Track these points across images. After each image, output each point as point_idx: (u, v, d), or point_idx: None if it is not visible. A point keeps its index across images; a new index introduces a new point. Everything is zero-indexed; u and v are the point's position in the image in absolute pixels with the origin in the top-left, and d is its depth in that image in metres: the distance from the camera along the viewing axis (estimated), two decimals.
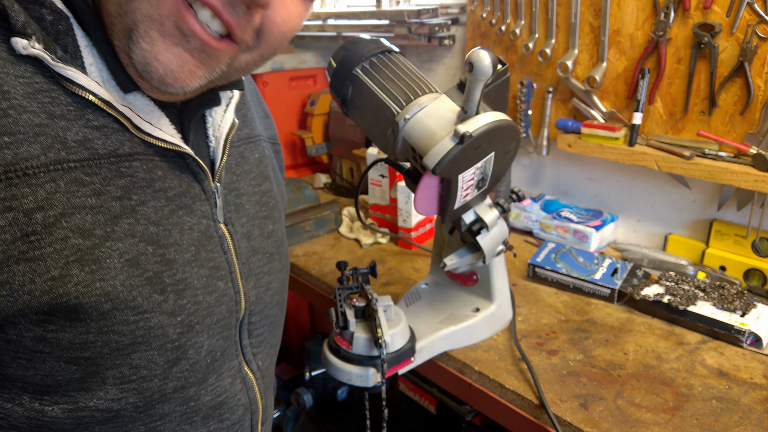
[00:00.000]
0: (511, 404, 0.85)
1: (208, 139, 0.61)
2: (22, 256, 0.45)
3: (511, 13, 1.37)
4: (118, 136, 0.50)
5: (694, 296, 1.00)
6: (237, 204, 0.63)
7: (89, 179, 0.48)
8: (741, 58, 1.02)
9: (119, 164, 0.50)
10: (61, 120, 0.47)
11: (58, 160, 0.46)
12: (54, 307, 0.47)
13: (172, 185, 0.55)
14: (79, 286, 0.47)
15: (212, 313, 0.58)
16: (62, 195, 0.46)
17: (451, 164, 0.69)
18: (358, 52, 0.77)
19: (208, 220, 0.58)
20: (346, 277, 0.88)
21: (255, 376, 0.67)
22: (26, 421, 0.51)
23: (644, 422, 0.77)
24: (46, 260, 0.46)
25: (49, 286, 0.46)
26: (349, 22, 1.76)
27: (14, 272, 0.45)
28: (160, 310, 0.53)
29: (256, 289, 0.65)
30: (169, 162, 0.55)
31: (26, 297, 0.45)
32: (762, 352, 0.92)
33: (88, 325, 0.49)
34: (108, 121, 0.50)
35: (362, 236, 1.38)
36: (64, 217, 0.47)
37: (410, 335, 0.88)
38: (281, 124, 1.80)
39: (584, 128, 1.24)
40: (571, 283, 1.11)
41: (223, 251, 0.60)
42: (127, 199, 0.51)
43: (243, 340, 0.64)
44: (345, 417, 1.56)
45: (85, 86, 0.48)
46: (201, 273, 0.57)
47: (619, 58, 1.20)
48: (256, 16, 0.49)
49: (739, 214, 1.14)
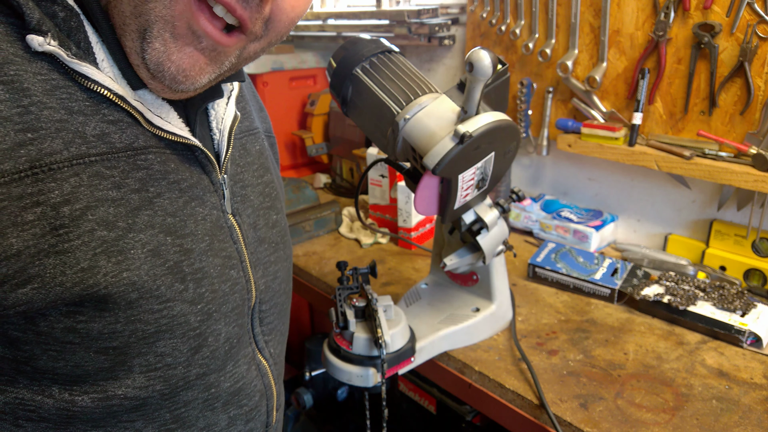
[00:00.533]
0: (511, 404, 0.85)
1: (211, 131, 0.62)
2: (52, 250, 0.46)
3: (511, 13, 1.37)
4: (133, 129, 0.52)
5: (694, 296, 1.00)
6: (243, 195, 0.65)
7: (109, 172, 0.49)
8: (741, 58, 1.02)
9: (136, 157, 0.51)
10: (79, 115, 0.48)
11: (79, 155, 0.47)
12: (84, 297, 0.48)
13: (184, 177, 0.56)
14: (108, 277, 0.49)
15: (228, 302, 0.59)
16: (86, 188, 0.48)
17: (451, 164, 0.69)
18: (358, 52, 0.77)
19: (217, 211, 0.59)
20: (346, 277, 0.88)
21: (268, 362, 0.68)
22: (56, 413, 0.52)
23: (644, 422, 0.77)
24: (75, 252, 0.47)
25: (80, 278, 0.47)
26: (349, 22, 1.76)
27: (45, 265, 0.46)
28: (182, 298, 0.54)
29: (264, 278, 0.66)
30: (179, 155, 0.56)
31: (58, 289, 0.46)
32: (762, 352, 0.92)
33: (117, 314, 0.50)
34: (122, 115, 0.51)
35: (362, 236, 1.38)
36: (89, 210, 0.48)
37: (410, 335, 0.88)
38: (281, 124, 1.80)
39: (584, 128, 1.24)
40: (571, 283, 1.11)
41: (233, 241, 0.61)
42: (144, 191, 0.52)
43: (255, 328, 0.66)
44: (345, 417, 1.56)
45: (100, 82, 0.49)
46: (216, 262, 0.58)
47: (619, 58, 1.20)
48: (267, 6, 0.50)
49: (739, 214, 1.14)
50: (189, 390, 0.58)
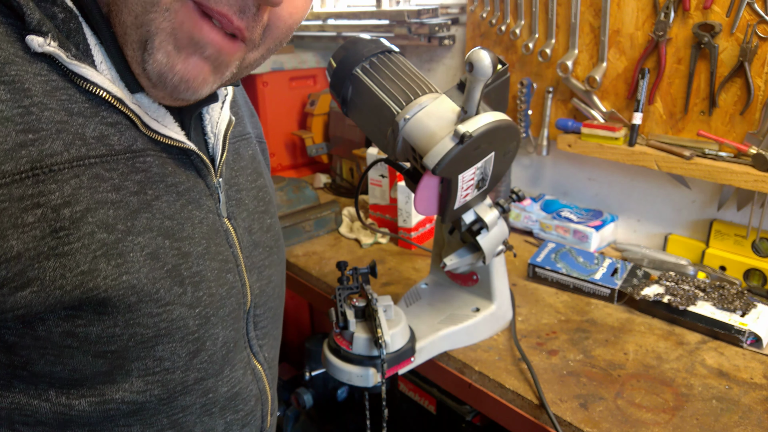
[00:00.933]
0: (511, 404, 0.85)
1: (206, 135, 0.62)
2: (52, 252, 0.45)
3: (511, 13, 1.37)
4: (131, 132, 0.51)
5: (694, 296, 1.00)
6: (237, 199, 0.64)
7: (108, 174, 0.49)
8: (741, 58, 1.02)
9: (134, 159, 0.51)
10: (79, 117, 0.48)
11: (79, 157, 0.47)
12: (84, 301, 0.47)
13: (181, 180, 0.56)
14: (107, 280, 0.48)
15: (225, 305, 0.59)
16: (86, 190, 0.47)
17: (451, 164, 0.69)
18: (358, 52, 0.77)
19: (213, 214, 0.59)
20: (346, 277, 0.88)
21: (263, 367, 0.68)
22: (53, 416, 0.52)
23: (644, 422, 0.77)
24: (75, 255, 0.46)
25: (80, 281, 0.47)
26: (349, 22, 1.76)
27: (45, 268, 0.45)
28: (181, 302, 0.54)
29: (259, 282, 0.66)
30: (175, 159, 0.56)
31: (58, 292, 0.46)
32: (762, 352, 0.92)
33: (116, 318, 0.50)
34: (120, 118, 0.51)
35: (362, 236, 1.38)
36: (89, 212, 0.47)
37: (410, 335, 0.88)
38: (281, 124, 1.80)
39: (584, 128, 1.24)
40: (571, 283, 1.11)
41: (228, 245, 0.61)
42: (143, 194, 0.52)
43: (249, 333, 0.66)
44: (345, 417, 1.56)
45: (99, 84, 0.48)
46: (213, 266, 0.58)
47: (619, 58, 1.20)
48: (265, 14, 0.49)
49: (739, 214, 1.14)
50: (187, 395, 0.58)
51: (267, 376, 0.69)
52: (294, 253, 1.32)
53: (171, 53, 0.47)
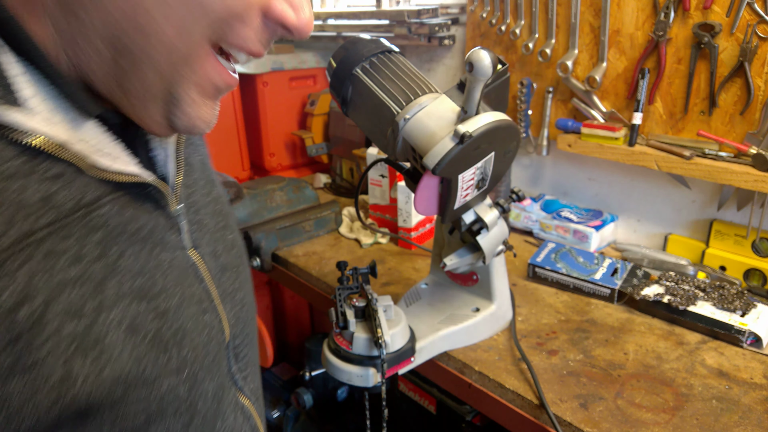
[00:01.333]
0: (511, 404, 0.85)
1: (150, 151, 0.53)
2: (11, 371, 0.37)
3: (511, 13, 1.37)
4: (79, 180, 0.42)
5: (694, 296, 1.00)
6: (198, 222, 0.57)
7: (63, 245, 0.40)
8: (741, 58, 1.02)
9: (89, 216, 0.42)
10: (14, 180, 0.38)
11: (25, 233, 0.38)
12: (64, 418, 0.40)
13: (142, 223, 0.48)
14: (87, 382, 0.40)
15: (208, 353, 0.53)
16: (42, 275, 0.38)
17: (451, 164, 0.69)
18: (358, 52, 0.77)
19: (179, 250, 0.52)
20: (346, 277, 0.88)
21: (250, 400, 0.64)
22: None
23: (644, 422, 0.77)
24: (44, 364, 0.38)
25: (56, 395, 0.39)
26: (349, 22, 1.76)
27: (9, 392, 0.37)
28: (167, 371, 0.47)
29: (233, 309, 0.61)
30: (132, 196, 0.47)
31: (29, 419, 0.38)
32: (762, 352, 0.92)
33: (101, 418, 0.42)
34: (64, 166, 0.41)
35: (362, 236, 1.38)
36: (51, 303, 0.38)
37: (410, 335, 0.88)
38: (281, 124, 1.80)
39: (584, 128, 1.24)
40: (571, 283, 1.11)
41: (199, 281, 0.54)
42: (105, 257, 0.43)
43: (232, 368, 0.60)
44: (345, 417, 1.56)
45: (32, 130, 0.39)
46: (190, 313, 0.51)
47: (619, 58, 1.20)
48: None
49: (739, 214, 1.14)
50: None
51: (256, 409, 0.64)
52: (294, 253, 1.32)
53: (197, 102, 0.46)
